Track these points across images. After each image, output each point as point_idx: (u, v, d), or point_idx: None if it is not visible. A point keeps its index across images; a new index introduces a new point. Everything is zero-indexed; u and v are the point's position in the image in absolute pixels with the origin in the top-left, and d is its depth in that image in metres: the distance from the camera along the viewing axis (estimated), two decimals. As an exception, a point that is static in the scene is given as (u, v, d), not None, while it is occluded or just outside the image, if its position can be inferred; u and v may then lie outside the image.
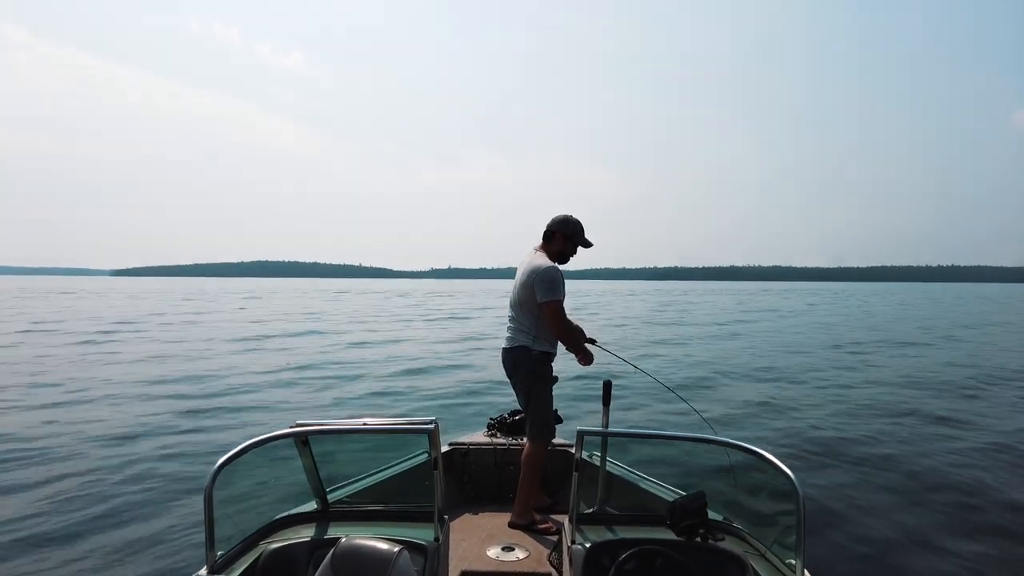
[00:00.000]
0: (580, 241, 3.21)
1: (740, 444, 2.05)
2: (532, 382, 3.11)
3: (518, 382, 3.18)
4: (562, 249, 3.17)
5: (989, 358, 13.88)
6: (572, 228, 3.18)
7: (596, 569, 1.92)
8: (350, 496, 2.63)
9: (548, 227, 3.20)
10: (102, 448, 6.35)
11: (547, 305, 2.99)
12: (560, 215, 3.21)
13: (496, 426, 3.88)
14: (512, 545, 2.75)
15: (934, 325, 24.47)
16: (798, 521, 1.76)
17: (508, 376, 3.25)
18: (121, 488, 5.18)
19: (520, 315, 3.14)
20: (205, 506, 1.75)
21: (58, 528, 4.24)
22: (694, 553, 1.98)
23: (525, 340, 3.10)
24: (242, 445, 1.85)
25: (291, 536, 2.05)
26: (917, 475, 5.41)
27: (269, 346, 15.60)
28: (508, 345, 3.18)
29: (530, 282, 3.03)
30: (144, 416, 7.61)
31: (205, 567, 1.78)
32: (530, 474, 3.06)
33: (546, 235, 3.20)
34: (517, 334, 3.14)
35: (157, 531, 4.19)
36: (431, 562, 1.88)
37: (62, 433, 6.78)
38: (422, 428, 1.98)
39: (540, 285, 2.99)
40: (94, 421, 7.34)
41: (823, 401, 8.83)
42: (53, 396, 8.81)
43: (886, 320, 27.59)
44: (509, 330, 3.21)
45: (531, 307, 3.07)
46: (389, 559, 1.48)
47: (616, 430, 2.42)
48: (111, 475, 5.48)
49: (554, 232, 3.18)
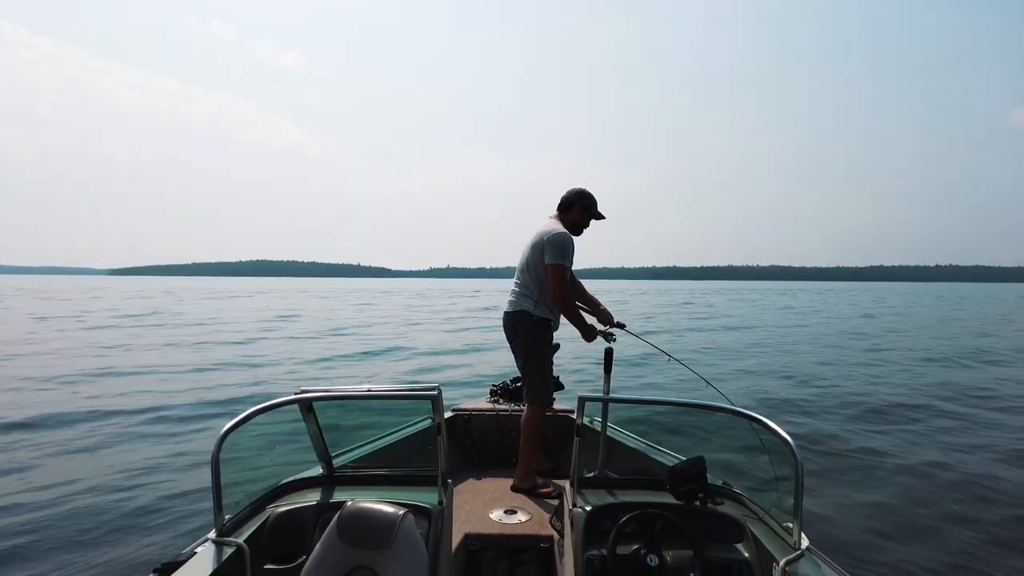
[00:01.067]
0: (595, 213, 3.22)
1: (740, 410, 2.06)
2: (531, 347, 3.12)
3: (517, 347, 3.19)
4: (578, 220, 3.17)
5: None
6: (589, 200, 3.19)
7: (597, 532, 1.96)
8: (355, 461, 2.66)
9: (566, 197, 3.19)
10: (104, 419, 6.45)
11: (553, 267, 2.99)
12: (576, 187, 3.21)
13: (499, 392, 3.92)
14: (514, 508, 2.80)
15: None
16: (796, 486, 1.78)
17: (508, 340, 3.25)
18: (128, 457, 5.28)
19: (526, 278, 3.13)
20: (212, 471, 1.77)
21: (68, 496, 4.33)
22: (693, 517, 2.01)
23: (527, 304, 3.10)
24: (248, 411, 1.86)
25: (297, 500, 2.09)
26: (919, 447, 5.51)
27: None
28: (509, 309, 3.18)
29: (541, 244, 3.03)
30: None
31: (214, 530, 1.82)
32: (530, 438, 3.09)
33: (563, 205, 3.19)
34: (520, 298, 3.13)
35: (166, 496, 4.28)
36: (435, 525, 1.91)
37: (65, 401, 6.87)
38: (425, 394, 1.99)
39: (550, 247, 2.99)
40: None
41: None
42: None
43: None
44: (513, 294, 3.20)
45: (539, 270, 3.07)
46: (394, 522, 1.50)
47: (616, 396, 2.43)
48: (118, 447, 5.58)
49: (572, 202, 3.17)
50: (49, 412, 6.64)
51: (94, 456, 5.20)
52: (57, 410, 6.75)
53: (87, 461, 5.04)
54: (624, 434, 3.18)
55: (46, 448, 5.35)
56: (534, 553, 2.54)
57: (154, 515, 3.96)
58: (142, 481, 4.56)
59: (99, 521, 3.84)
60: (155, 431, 6.03)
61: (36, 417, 6.40)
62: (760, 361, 11.92)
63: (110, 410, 6.83)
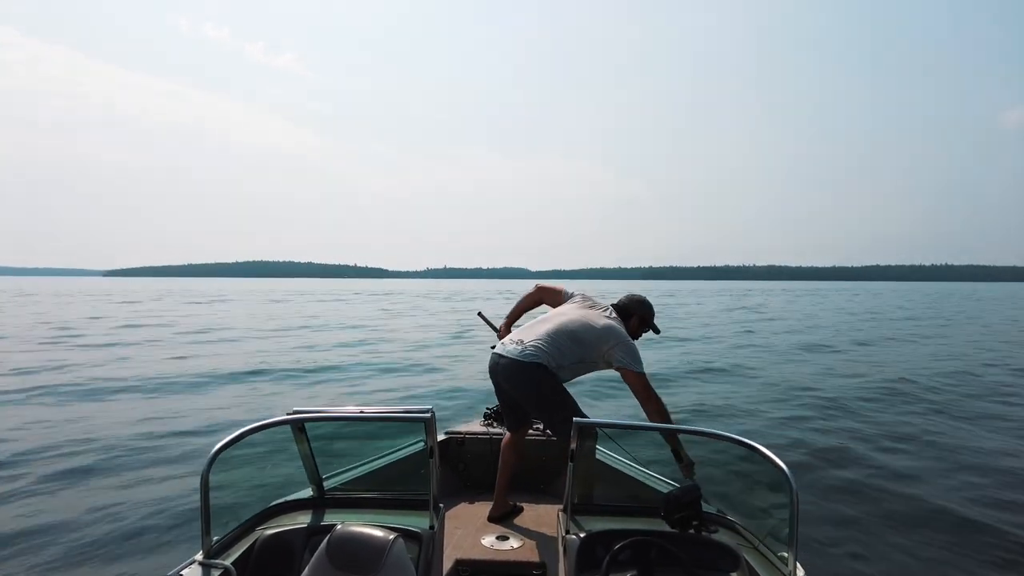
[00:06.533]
0: (651, 326, 3.14)
1: (735, 437, 2.05)
2: (552, 394, 2.83)
3: (528, 398, 2.88)
4: (633, 332, 3.06)
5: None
6: (649, 312, 3.12)
7: (590, 559, 1.94)
8: (346, 483, 2.63)
9: (626, 306, 3.10)
10: (87, 437, 6.37)
11: (638, 376, 2.77)
12: (636, 296, 3.16)
13: (492, 416, 3.89)
14: (507, 535, 2.77)
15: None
16: (791, 515, 1.77)
17: (505, 384, 2.92)
18: (115, 476, 5.20)
19: (568, 344, 2.84)
20: (201, 491, 1.75)
21: (55, 510, 4.26)
22: (687, 545, 1.99)
23: (548, 362, 2.78)
24: (239, 431, 1.85)
25: (287, 522, 2.06)
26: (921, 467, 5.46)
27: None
28: (519, 358, 2.80)
29: (610, 337, 2.85)
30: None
31: (201, 552, 1.79)
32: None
33: (621, 311, 3.07)
34: (543, 354, 2.80)
35: (153, 516, 4.21)
36: (426, 550, 1.88)
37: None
38: (418, 416, 1.98)
39: (628, 353, 2.81)
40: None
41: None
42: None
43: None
44: (529, 341, 2.85)
45: (591, 351, 2.86)
46: (384, 546, 1.48)
47: (610, 421, 2.42)
48: (106, 462, 5.50)
49: (632, 312, 3.08)
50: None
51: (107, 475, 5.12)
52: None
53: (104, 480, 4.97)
54: (618, 459, 3.16)
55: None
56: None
57: (139, 534, 3.89)
58: (125, 499, 4.49)
59: (82, 541, 3.77)
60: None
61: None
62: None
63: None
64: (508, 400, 3.02)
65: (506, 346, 2.91)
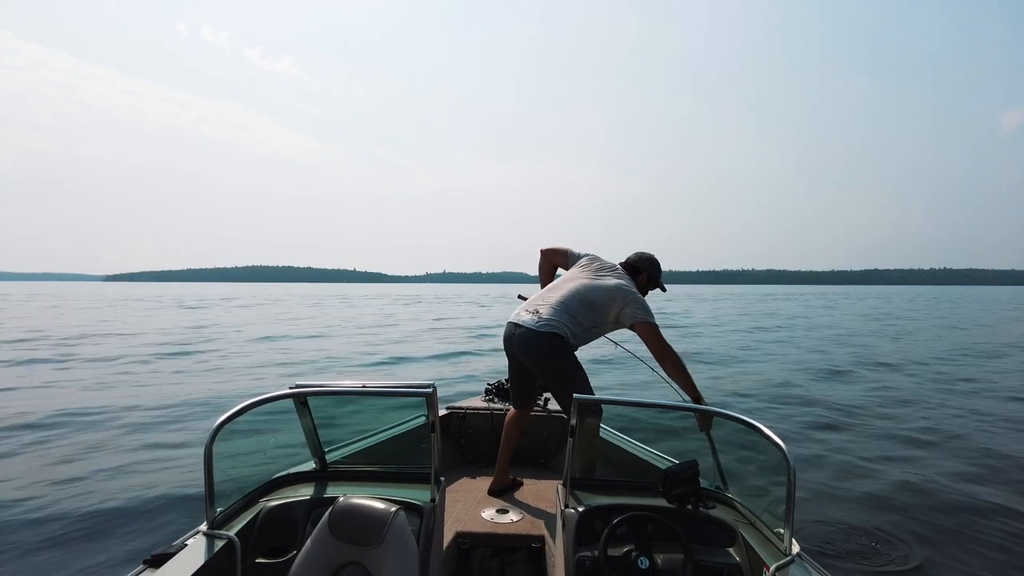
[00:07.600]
0: (659, 284, 3.15)
1: (734, 415, 2.06)
2: (566, 369, 2.81)
3: (543, 367, 2.83)
4: (643, 289, 3.07)
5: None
6: (657, 270, 3.12)
7: (588, 533, 1.96)
8: (348, 457, 2.66)
9: (635, 264, 3.10)
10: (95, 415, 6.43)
11: (648, 326, 2.75)
12: (646, 254, 3.15)
13: (493, 392, 3.92)
14: (506, 508, 2.80)
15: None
16: (788, 492, 1.78)
17: (520, 354, 2.87)
18: (122, 448, 5.26)
19: (582, 309, 2.83)
20: (205, 463, 1.77)
21: (62, 486, 4.32)
22: (685, 520, 2.01)
23: (566, 332, 2.77)
24: (242, 404, 1.86)
25: (290, 494, 2.09)
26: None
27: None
28: (535, 327, 2.77)
29: (621, 295, 2.84)
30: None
31: (205, 523, 1.81)
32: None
33: (630, 268, 3.08)
34: (559, 324, 2.78)
35: (158, 488, 4.27)
36: (427, 522, 1.91)
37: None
38: (420, 391, 1.99)
39: (639, 307, 2.81)
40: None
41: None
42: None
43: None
44: (544, 311, 2.83)
45: (600, 314, 2.85)
46: (385, 518, 1.50)
47: (610, 397, 2.43)
48: (113, 438, 5.56)
49: (640, 270, 3.08)
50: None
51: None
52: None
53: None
54: (617, 436, 3.18)
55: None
56: (525, 552, 2.54)
57: (145, 506, 3.95)
58: (131, 472, 4.55)
59: (90, 511, 3.83)
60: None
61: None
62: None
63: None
64: (520, 374, 3.02)
65: (521, 316, 2.89)
